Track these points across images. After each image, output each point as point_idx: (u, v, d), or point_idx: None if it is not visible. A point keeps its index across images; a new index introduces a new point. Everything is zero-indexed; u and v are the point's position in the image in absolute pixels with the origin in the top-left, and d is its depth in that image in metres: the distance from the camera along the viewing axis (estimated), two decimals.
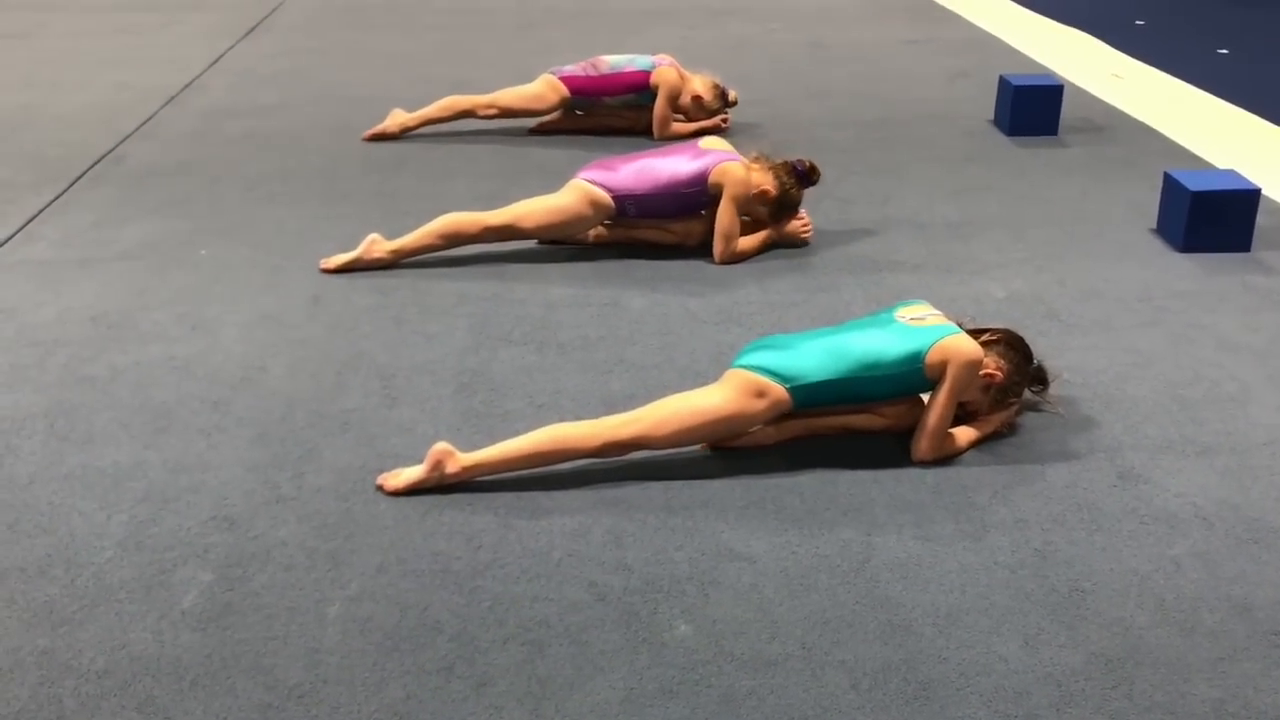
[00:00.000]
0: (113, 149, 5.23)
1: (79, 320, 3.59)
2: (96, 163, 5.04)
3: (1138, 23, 8.30)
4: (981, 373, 2.86)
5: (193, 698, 2.12)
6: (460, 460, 2.71)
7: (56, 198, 4.62)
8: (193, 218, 4.42)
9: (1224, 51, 7.42)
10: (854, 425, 2.93)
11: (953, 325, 2.88)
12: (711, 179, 3.90)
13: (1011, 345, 2.96)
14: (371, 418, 3.05)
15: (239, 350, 3.40)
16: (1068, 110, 5.49)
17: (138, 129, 5.53)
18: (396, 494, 2.71)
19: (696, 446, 2.86)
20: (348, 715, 2.08)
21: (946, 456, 2.86)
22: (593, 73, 5.17)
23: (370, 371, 3.28)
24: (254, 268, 3.97)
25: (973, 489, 2.76)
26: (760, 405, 2.78)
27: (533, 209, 3.94)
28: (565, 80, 5.18)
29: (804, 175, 4.01)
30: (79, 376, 3.26)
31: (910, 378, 2.81)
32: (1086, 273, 3.93)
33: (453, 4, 8.62)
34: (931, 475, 2.81)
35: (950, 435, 2.87)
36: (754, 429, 2.89)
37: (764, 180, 3.96)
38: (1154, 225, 4.31)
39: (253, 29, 7.71)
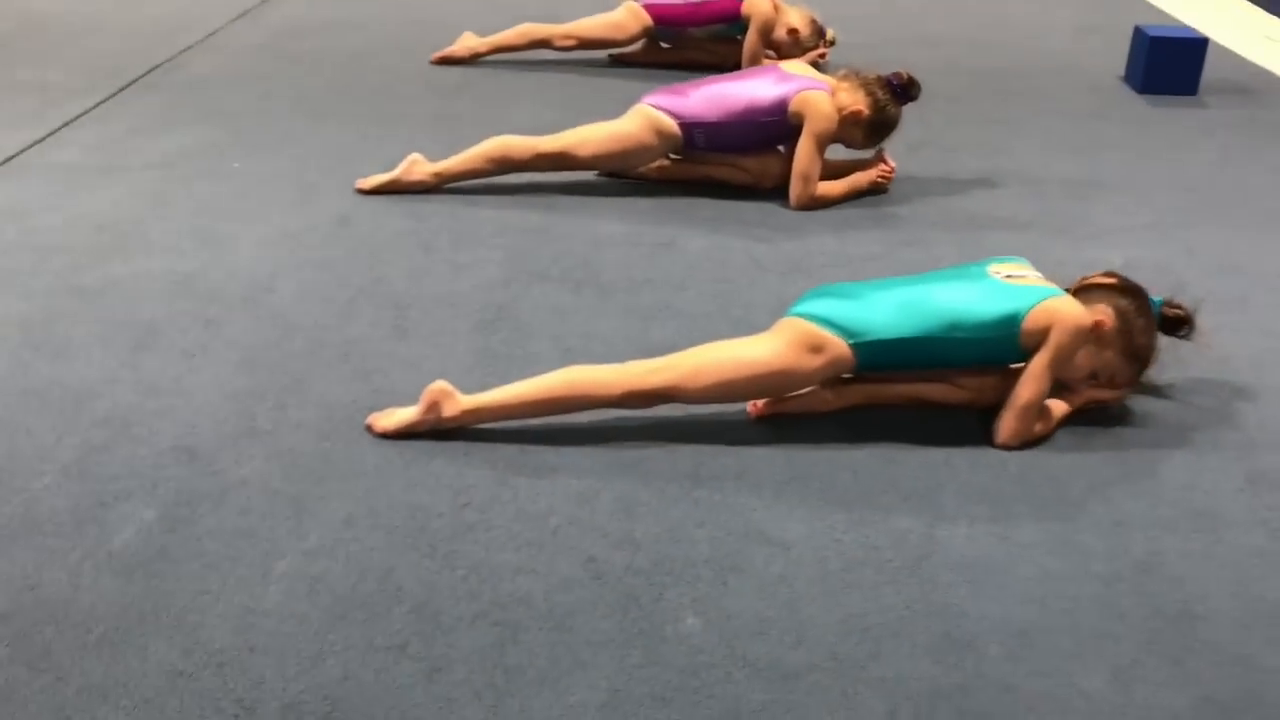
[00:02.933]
0: (171, 58, 4.95)
1: (86, 228, 3.30)
2: (150, 71, 4.77)
3: None
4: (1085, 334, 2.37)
5: (94, 656, 1.78)
6: (460, 402, 2.33)
7: (99, 104, 4.35)
8: (233, 131, 4.11)
9: None
10: (927, 396, 2.48)
11: (1056, 288, 2.41)
12: (792, 108, 3.43)
13: (1116, 289, 2.45)
14: (376, 350, 2.69)
15: (247, 268, 3.07)
16: (1210, 72, 4.87)
17: (203, 40, 5.25)
18: (385, 435, 2.35)
19: (737, 406, 2.44)
20: (268, 693, 1.73)
21: (1037, 440, 2.39)
22: (679, 2, 4.73)
23: (385, 300, 2.93)
24: (286, 184, 3.64)
25: (1065, 481, 2.29)
26: (816, 362, 2.34)
27: (590, 135, 3.54)
28: (649, 8, 4.75)
29: (901, 90, 3.51)
30: (70, 285, 2.96)
31: (1001, 344, 2.35)
32: (1222, 244, 3.39)
33: None
34: (1015, 461, 2.35)
35: (1044, 412, 2.40)
36: (807, 391, 2.46)
37: (855, 100, 3.47)
38: None
39: None
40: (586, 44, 4.83)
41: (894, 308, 2.36)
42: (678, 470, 2.28)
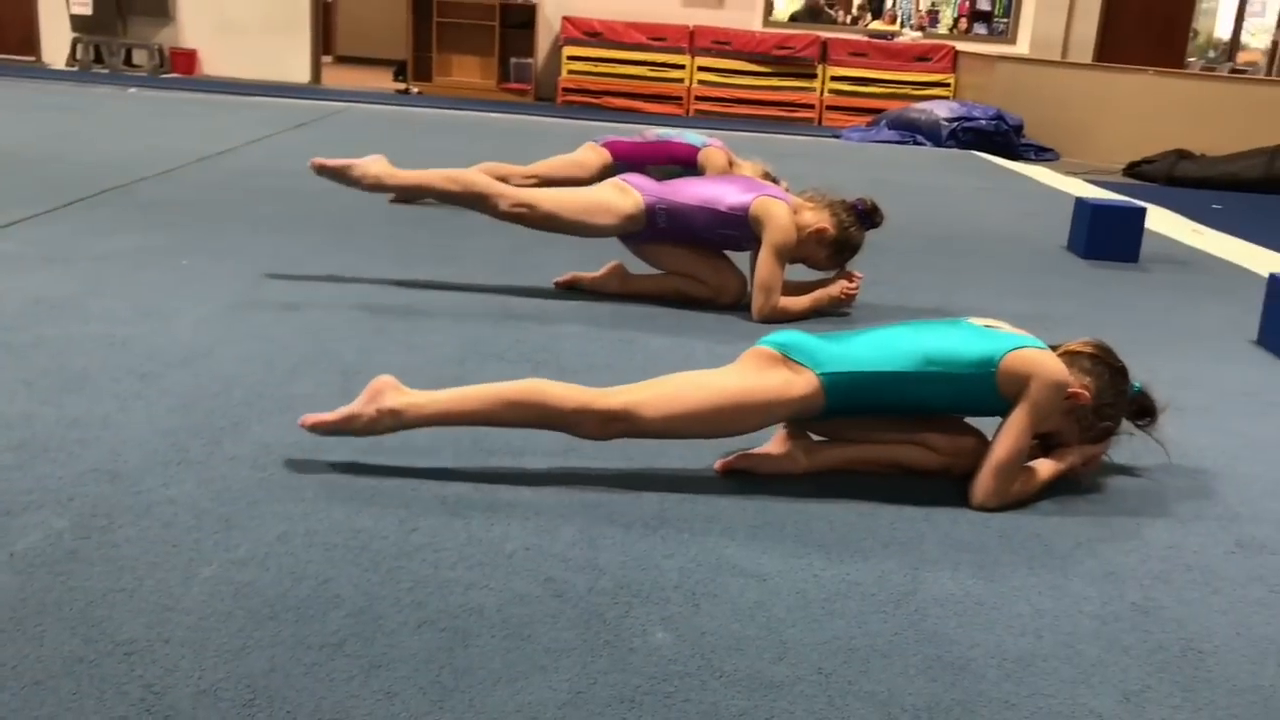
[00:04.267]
0: (124, 185, 4.93)
1: (20, 300, 3.15)
2: (101, 192, 4.73)
3: (1215, 206, 7.94)
4: (1064, 393, 2.31)
5: None
6: (406, 395, 2.17)
7: (46, 211, 4.28)
8: (185, 236, 4.04)
9: None
10: (903, 460, 2.37)
11: (1035, 338, 2.36)
12: (753, 212, 3.43)
13: (1099, 358, 2.41)
14: (321, 404, 2.51)
15: (189, 336, 2.94)
16: (1148, 247, 5.05)
17: (158, 175, 5.25)
18: (318, 430, 2.16)
19: (703, 460, 2.31)
20: (181, 680, 1.51)
21: (1017, 501, 2.28)
22: (639, 139, 4.84)
23: (332, 367, 2.79)
24: (234, 278, 3.54)
25: (1049, 538, 2.17)
26: (784, 392, 2.22)
27: (558, 189, 3.57)
28: (609, 145, 4.85)
29: (865, 214, 3.55)
30: None
31: (977, 384, 2.26)
32: (1180, 369, 3.38)
33: (521, 125, 8.51)
34: (997, 520, 2.23)
35: (1024, 473, 2.30)
36: (778, 453, 2.34)
37: (819, 218, 3.49)
38: (1255, 337, 3.77)
39: (302, 124, 7.57)
40: (547, 182, 4.89)
41: (868, 344, 2.29)
42: (643, 511, 2.13)
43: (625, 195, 3.50)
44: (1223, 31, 14.39)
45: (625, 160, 4.81)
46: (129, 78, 10.72)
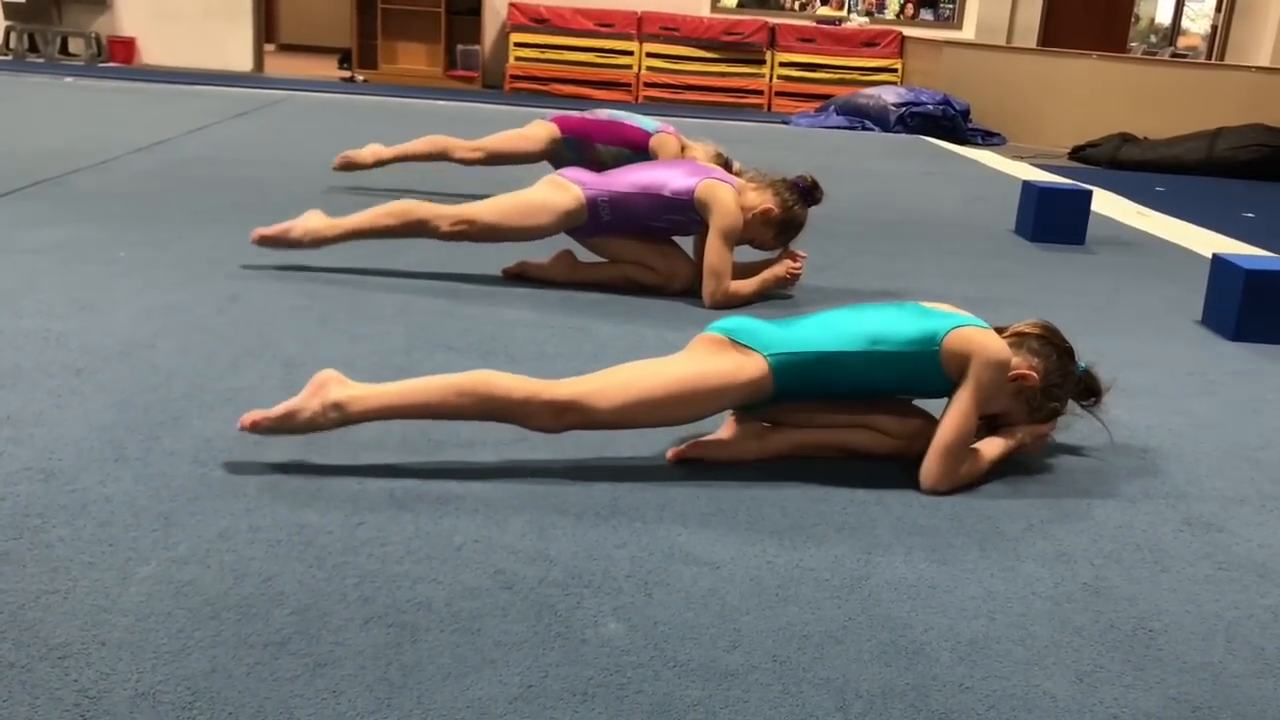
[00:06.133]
0: (57, 176, 4.81)
1: None
2: (34, 184, 4.60)
3: (1158, 189, 8.04)
4: (1010, 374, 2.31)
5: None
6: (349, 388, 2.11)
7: None
8: (118, 229, 3.95)
9: (1250, 215, 7.10)
10: (853, 444, 2.36)
11: (978, 318, 2.36)
12: (698, 195, 3.41)
13: (1046, 339, 2.41)
14: (264, 398, 2.46)
15: (128, 330, 2.86)
16: (1094, 229, 5.09)
17: (93, 166, 5.13)
18: (258, 428, 2.08)
19: (654, 449, 2.29)
20: (118, 683, 1.46)
21: (967, 483, 2.28)
22: (589, 116, 4.79)
23: (275, 359, 2.73)
24: (173, 269, 3.47)
25: (1001, 520, 2.17)
26: (733, 376, 2.20)
27: (495, 200, 3.51)
28: (558, 121, 4.80)
29: (806, 192, 3.54)
30: None
31: (922, 363, 2.25)
32: (1127, 349, 3.41)
33: (468, 113, 8.42)
34: (948, 503, 2.22)
35: (972, 453, 2.30)
36: (728, 438, 2.32)
37: (763, 199, 3.48)
38: (1199, 318, 3.81)
39: (244, 113, 7.44)
40: (495, 157, 4.84)
41: (813, 326, 2.29)
42: (594, 500, 2.10)
43: (563, 191, 3.47)
44: (1163, 17, 14.58)
45: (574, 135, 4.74)
46: (65, 67, 10.48)
